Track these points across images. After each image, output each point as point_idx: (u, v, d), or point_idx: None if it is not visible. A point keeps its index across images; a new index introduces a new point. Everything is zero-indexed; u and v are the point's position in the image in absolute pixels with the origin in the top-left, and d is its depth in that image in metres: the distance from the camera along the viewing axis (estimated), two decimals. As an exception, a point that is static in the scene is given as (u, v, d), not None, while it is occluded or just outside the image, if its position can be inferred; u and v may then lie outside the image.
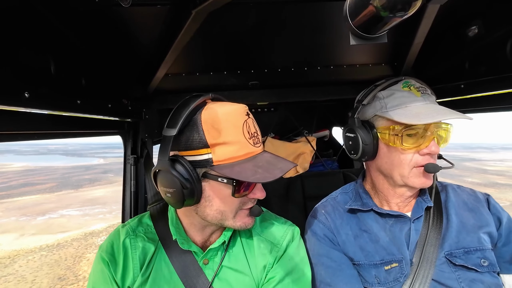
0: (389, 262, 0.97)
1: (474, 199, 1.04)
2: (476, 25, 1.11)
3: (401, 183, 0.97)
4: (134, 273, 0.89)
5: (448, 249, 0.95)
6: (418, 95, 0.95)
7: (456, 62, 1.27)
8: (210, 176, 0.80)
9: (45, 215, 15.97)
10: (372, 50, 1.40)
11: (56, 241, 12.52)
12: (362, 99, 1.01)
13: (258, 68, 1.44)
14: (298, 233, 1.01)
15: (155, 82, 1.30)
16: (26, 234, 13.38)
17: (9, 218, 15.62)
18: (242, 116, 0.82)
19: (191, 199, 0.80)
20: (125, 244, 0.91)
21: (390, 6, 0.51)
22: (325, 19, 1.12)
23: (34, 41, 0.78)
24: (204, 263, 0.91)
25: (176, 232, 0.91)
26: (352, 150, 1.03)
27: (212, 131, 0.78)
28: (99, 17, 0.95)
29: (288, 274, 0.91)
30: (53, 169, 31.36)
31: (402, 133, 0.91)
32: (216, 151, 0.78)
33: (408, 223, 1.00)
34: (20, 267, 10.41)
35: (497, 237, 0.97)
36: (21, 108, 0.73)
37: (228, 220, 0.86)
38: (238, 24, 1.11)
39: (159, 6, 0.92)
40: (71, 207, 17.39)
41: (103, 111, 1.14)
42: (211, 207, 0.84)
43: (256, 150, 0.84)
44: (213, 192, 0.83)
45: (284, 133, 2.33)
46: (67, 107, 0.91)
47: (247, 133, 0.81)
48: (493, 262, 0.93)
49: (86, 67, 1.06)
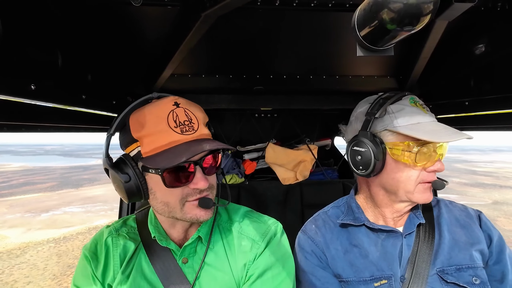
0: (379, 279, 0.95)
1: (466, 216, 1.03)
2: (483, 43, 1.11)
3: (405, 198, 0.96)
4: (114, 271, 0.90)
5: (440, 265, 0.94)
6: (425, 112, 0.95)
7: (461, 79, 1.27)
8: (147, 169, 0.82)
9: (48, 212, 16.59)
10: (378, 62, 1.41)
11: (62, 234, 13.13)
12: (374, 112, 0.95)
13: (263, 74, 1.44)
14: (281, 229, 0.99)
15: (160, 81, 1.31)
16: (32, 228, 14.06)
17: (14, 215, 16.23)
18: (167, 106, 0.83)
19: (135, 194, 0.83)
20: (107, 242, 0.94)
21: (398, 20, 0.51)
22: (332, 28, 1.13)
23: (43, 35, 0.78)
24: (183, 262, 0.91)
25: (155, 230, 0.91)
26: (361, 165, 0.96)
27: (137, 125, 0.81)
28: (109, 14, 0.96)
29: (267, 269, 0.89)
30: (52, 169, 31.88)
31: (418, 150, 0.90)
32: (143, 143, 0.81)
33: (400, 238, 0.99)
34: (31, 256, 11.04)
35: (488, 255, 0.96)
36: (27, 100, 0.73)
37: (176, 213, 0.85)
38: (246, 28, 1.12)
39: (169, 7, 0.93)
40: (73, 205, 17.97)
41: (107, 107, 1.15)
42: (156, 199, 0.85)
43: (185, 137, 0.81)
44: (153, 185, 0.84)
45: (286, 139, 2.33)
46: (72, 101, 0.92)
47: (172, 122, 0.81)
48: (484, 281, 0.92)
49: (93, 63, 1.06)
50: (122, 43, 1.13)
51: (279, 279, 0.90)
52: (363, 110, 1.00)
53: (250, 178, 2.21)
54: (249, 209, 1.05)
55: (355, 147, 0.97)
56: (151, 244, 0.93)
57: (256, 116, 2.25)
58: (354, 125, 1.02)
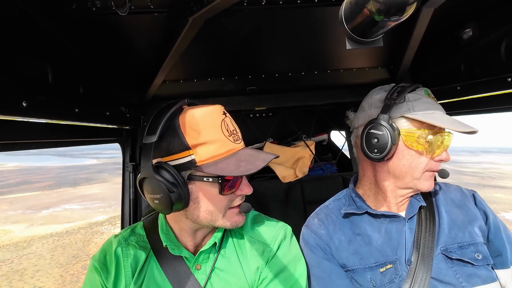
0: (384, 264, 0.97)
1: (461, 196, 1.08)
2: (470, 28, 1.12)
3: (411, 185, 0.99)
4: (126, 281, 0.89)
5: (443, 245, 0.97)
6: (437, 104, 0.98)
7: (451, 65, 1.28)
8: (196, 178, 0.82)
9: (49, 209, 17.03)
10: (368, 54, 1.41)
11: (64, 229, 13.77)
12: (394, 97, 0.97)
13: (255, 74, 1.44)
14: (290, 232, 1.01)
15: (153, 89, 1.31)
16: (35, 224, 14.63)
17: (15, 211, 16.59)
18: (219, 115, 0.84)
19: (179, 203, 0.80)
20: (117, 253, 0.92)
21: (385, 10, 0.52)
22: (320, 24, 1.13)
23: (32, 50, 0.78)
24: (196, 269, 0.91)
25: (166, 239, 0.91)
26: (376, 148, 0.96)
27: (191, 133, 0.79)
28: (96, 25, 0.95)
29: (279, 273, 0.92)
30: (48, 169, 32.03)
31: (432, 138, 0.92)
32: (197, 151, 0.79)
33: (403, 222, 1.01)
34: (37, 248, 11.79)
35: (487, 231, 1.00)
36: (19, 118, 0.73)
37: (218, 220, 0.86)
38: (234, 30, 1.12)
39: (156, 14, 0.93)
40: (72, 202, 18.46)
41: (101, 119, 1.14)
42: (200, 208, 0.84)
43: (237, 146, 0.86)
44: (201, 193, 0.84)
45: (283, 138, 2.34)
46: (65, 115, 0.91)
47: (226, 131, 0.84)
48: (486, 255, 0.95)
49: (84, 75, 1.06)
50: (112, 53, 1.13)
51: (292, 281, 0.92)
52: (380, 97, 1.02)
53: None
54: (257, 213, 1.07)
55: (372, 130, 0.97)
56: (162, 252, 0.92)
57: (251, 117, 2.25)
58: (368, 111, 1.04)
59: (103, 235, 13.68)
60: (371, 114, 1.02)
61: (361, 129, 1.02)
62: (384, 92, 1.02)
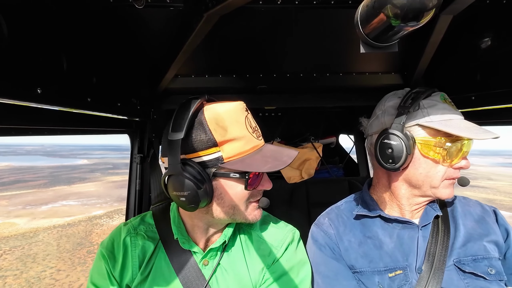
0: (393, 269, 0.96)
1: (481, 210, 1.04)
2: (489, 37, 1.10)
3: (429, 193, 0.97)
4: (133, 271, 0.90)
5: (456, 256, 0.95)
6: (455, 109, 0.95)
7: (467, 73, 1.25)
8: (221, 174, 0.82)
9: (48, 205, 17.73)
10: (382, 59, 1.40)
11: (65, 222, 14.68)
12: (407, 105, 0.93)
13: (266, 73, 1.44)
14: (298, 236, 1.01)
15: (164, 82, 1.32)
16: (37, 218, 15.49)
17: (16, 207, 17.28)
18: (242, 112, 0.85)
19: (205, 200, 0.80)
20: (126, 242, 0.92)
21: (402, 15, 0.51)
22: (335, 26, 1.12)
23: (48, 38, 0.79)
24: (204, 264, 0.92)
25: (178, 232, 0.91)
26: (391, 159, 0.93)
27: (219, 129, 0.79)
28: (112, 17, 0.96)
29: (282, 275, 0.92)
30: (40, 168, 33.25)
31: (450, 146, 0.90)
32: (225, 148, 0.80)
33: (416, 230, 1.00)
34: (43, 237, 12.78)
35: (505, 248, 0.97)
36: (33, 104, 0.74)
37: (240, 214, 0.88)
38: (248, 28, 1.12)
39: (172, 8, 0.93)
40: (70, 199, 19.22)
41: (112, 109, 1.16)
42: (223, 203, 0.85)
43: (260, 143, 0.88)
44: (225, 189, 0.84)
45: (290, 138, 2.32)
46: (78, 104, 0.92)
47: (250, 128, 0.85)
48: (500, 271, 0.92)
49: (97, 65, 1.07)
50: (126, 45, 1.14)
51: (293, 285, 0.92)
52: (393, 104, 0.99)
53: None
54: (266, 213, 1.07)
55: (386, 139, 0.94)
56: (171, 244, 0.93)
57: (260, 115, 2.25)
58: (381, 118, 1.01)
59: (102, 227, 14.38)
60: (385, 122, 0.99)
61: (375, 137, 1.00)
62: (397, 98, 0.99)
